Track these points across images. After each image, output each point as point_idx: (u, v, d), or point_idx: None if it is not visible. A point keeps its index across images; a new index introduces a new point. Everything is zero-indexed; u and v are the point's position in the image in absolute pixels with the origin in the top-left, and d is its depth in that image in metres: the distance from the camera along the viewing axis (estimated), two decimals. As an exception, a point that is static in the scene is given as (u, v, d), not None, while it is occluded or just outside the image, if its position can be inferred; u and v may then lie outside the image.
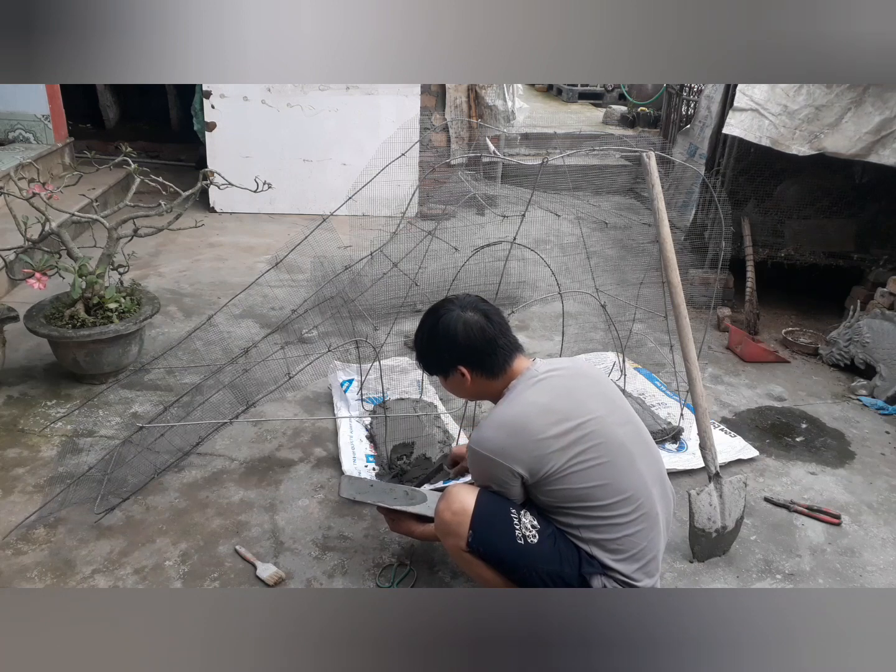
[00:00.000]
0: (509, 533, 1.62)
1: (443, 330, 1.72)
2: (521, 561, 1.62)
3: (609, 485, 1.60)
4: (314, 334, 3.17)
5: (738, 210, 4.19)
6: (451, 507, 1.67)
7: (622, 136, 5.55)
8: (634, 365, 3.35)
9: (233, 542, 2.13)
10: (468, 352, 1.71)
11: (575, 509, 1.62)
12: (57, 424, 2.64)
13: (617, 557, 1.62)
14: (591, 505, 1.60)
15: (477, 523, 1.63)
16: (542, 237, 3.39)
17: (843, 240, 4.26)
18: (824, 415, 3.09)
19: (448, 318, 1.72)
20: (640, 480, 1.64)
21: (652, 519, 1.65)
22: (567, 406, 1.65)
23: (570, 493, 1.60)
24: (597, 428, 1.62)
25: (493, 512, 1.65)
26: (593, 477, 1.59)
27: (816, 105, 3.54)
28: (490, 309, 1.76)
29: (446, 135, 5.74)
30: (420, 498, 1.97)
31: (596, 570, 1.62)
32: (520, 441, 1.60)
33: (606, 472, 1.60)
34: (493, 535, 1.63)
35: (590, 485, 1.59)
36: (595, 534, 1.62)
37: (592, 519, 1.61)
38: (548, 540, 1.63)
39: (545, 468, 1.59)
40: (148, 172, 2.94)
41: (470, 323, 1.70)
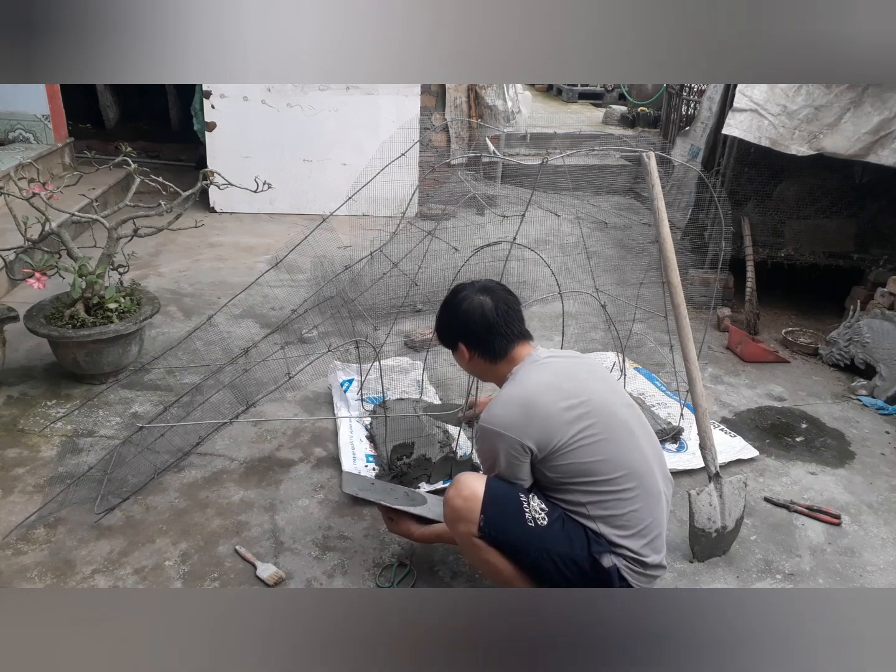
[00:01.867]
0: (520, 516, 1.64)
1: (451, 307, 1.84)
2: (532, 544, 1.64)
3: (611, 460, 1.64)
4: (314, 334, 3.17)
5: (738, 210, 4.19)
6: (462, 493, 1.68)
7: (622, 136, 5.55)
8: (634, 365, 3.35)
9: (233, 542, 2.13)
10: (467, 332, 1.80)
11: (581, 484, 1.65)
12: (57, 424, 2.64)
13: (624, 533, 1.65)
14: (596, 479, 1.64)
15: (488, 508, 1.65)
16: (542, 237, 3.39)
17: (843, 240, 4.26)
18: (824, 415, 3.09)
19: (460, 296, 1.83)
20: (641, 457, 1.69)
21: (655, 496, 1.69)
22: (571, 385, 1.71)
23: (576, 468, 1.64)
24: (599, 406, 1.68)
25: (503, 496, 1.67)
26: (597, 452, 1.64)
27: (816, 105, 3.54)
28: (503, 297, 1.82)
29: (446, 135, 5.74)
30: (420, 500, 1.98)
31: (605, 549, 1.64)
32: (529, 415, 1.64)
33: (609, 447, 1.65)
34: (505, 518, 1.65)
35: (594, 459, 1.63)
36: (602, 510, 1.65)
37: (598, 494, 1.64)
38: (556, 522, 1.66)
39: (553, 441, 1.62)
40: (148, 172, 2.94)
41: (475, 305, 1.79)
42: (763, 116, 3.70)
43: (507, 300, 1.82)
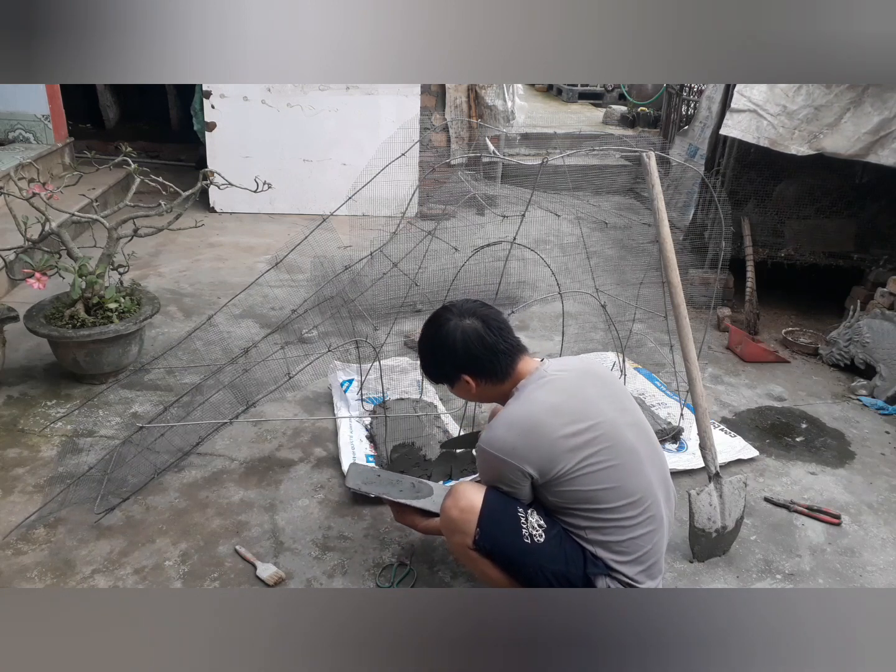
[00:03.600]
0: (516, 531, 1.62)
1: (441, 341, 1.71)
2: (527, 560, 1.63)
3: (618, 488, 1.60)
4: (314, 334, 3.17)
5: (738, 210, 4.19)
6: (459, 505, 1.66)
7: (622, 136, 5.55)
8: (634, 365, 3.35)
9: (233, 542, 2.13)
10: (469, 361, 1.70)
11: (582, 511, 1.62)
12: (57, 424, 2.64)
13: (622, 559, 1.62)
14: (598, 507, 1.60)
15: (485, 521, 1.63)
16: (542, 237, 3.39)
17: (843, 240, 4.26)
18: (824, 415, 3.09)
19: (447, 328, 1.70)
20: (647, 483, 1.65)
21: (657, 521, 1.66)
22: (577, 406, 1.65)
23: (579, 495, 1.60)
24: (607, 430, 1.62)
25: (501, 510, 1.65)
26: (602, 479, 1.59)
27: (815, 105, 3.54)
28: (489, 313, 1.73)
29: (446, 135, 5.74)
30: (427, 491, 1.94)
31: (601, 571, 1.62)
32: (531, 441, 1.60)
33: (616, 474, 1.60)
34: (501, 533, 1.63)
35: (599, 487, 1.59)
36: (601, 535, 1.62)
37: (599, 521, 1.61)
38: (554, 540, 1.63)
39: (556, 469, 1.58)
40: (148, 172, 2.94)
41: (468, 332, 1.69)
42: (762, 117, 3.69)
43: (494, 315, 1.74)
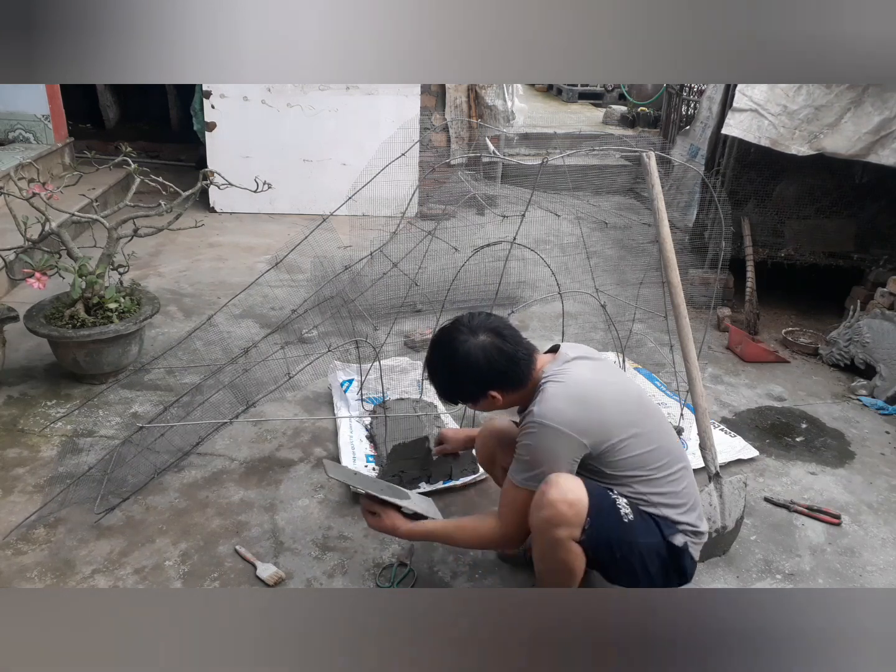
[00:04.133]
0: (616, 515, 1.65)
1: (462, 362, 1.68)
2: (627, 540, 1.65)
3: (659, 447, 1.70)
4: (314, 334, 3.17)
5: (738, 210, 4.19)
6: (567, 498, 1.59)
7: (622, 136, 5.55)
8: (634, 365, 3.35)
9: (233, 542, 2.13)
10: (495, 377, 1.69)
11: (639, 477, 1.68)
12: (57, 424, 2.64)
13: (682, 511, 1.71)
14: (652, 467, 1.68)
15: (593, 512, 1.62)
16: (542, 237, 3.40)
17: (843, 240, 4.26)
18: (824, 415, 3.09)
19: (465, 348, 1.68)
20: (673, 437, 1.79)
21: (690, 473, 1.78)
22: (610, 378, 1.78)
23: (634, 461, 1.67)
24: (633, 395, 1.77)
25: (600, 497, 1.65)
26: (647, 443, 1.68)
27: (816, 105, 3.54)
28: (499, 324, 1.74)
29: (446, 135, 5.74)
30: (403, 495, 1.89)
31: (673, 530, 1.69)
32: (587, 412, 1.64)
33: (653, 436, 1.70)
34: (608, 520, 1.65)
35: (647, 450, 1.68)
36: (662, 497, 1.69)
37: (656, 483, 1.69)
38: (636, 513, 1.67)
39: (612, 438, 1.64)
40: (148, 172, 2.94)
41: (487, 348, 1.68)
42: (763, 116, 3.70)
43: (503, 325, 1.74)
